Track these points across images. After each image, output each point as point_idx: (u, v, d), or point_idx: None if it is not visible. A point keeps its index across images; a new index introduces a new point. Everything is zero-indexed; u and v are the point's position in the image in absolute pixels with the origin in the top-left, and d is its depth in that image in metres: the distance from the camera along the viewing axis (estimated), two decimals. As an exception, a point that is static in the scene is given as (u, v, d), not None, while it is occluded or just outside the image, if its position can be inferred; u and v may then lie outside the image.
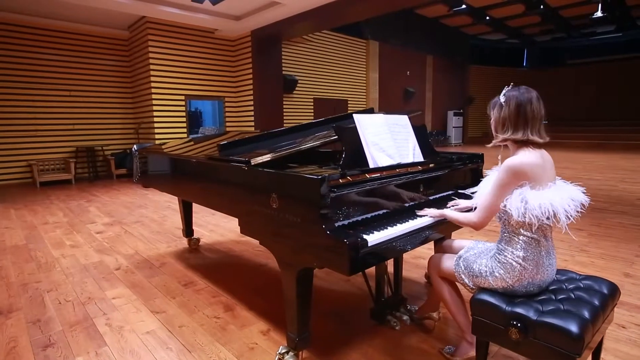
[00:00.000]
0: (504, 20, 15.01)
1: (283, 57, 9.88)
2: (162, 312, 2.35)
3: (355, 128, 1.89)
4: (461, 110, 17.88)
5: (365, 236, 1.49)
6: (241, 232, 1.95)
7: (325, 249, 1.44)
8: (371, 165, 1.86)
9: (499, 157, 1.66)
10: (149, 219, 4.85)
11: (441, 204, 2.10)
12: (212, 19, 8.07)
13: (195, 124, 10.37)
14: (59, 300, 2.53)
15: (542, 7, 13.13)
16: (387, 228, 1.61)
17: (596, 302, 1.43)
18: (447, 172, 2.18)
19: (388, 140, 1.99)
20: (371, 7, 7.45)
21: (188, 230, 3.62)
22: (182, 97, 8.76)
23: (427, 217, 1.78)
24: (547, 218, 1.40)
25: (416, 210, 1.85)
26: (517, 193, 1.43)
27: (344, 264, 1.37)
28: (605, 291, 1.52)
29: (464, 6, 12.83)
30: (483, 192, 1.58)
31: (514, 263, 1.47)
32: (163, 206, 5.62)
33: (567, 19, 14.82)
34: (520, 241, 1.47)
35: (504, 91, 1.56)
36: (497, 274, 1.50)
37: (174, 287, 2.74)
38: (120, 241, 3.87)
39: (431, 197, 2.08)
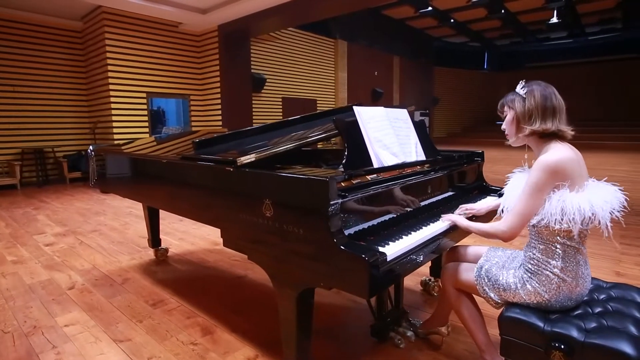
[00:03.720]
0: (467, 24, 15.42)
1: (252, 55, 9.51)
2: (127, 341, 2.00)
3: (356, 122, 1.66)
4: (427, 111, 18.21)
5: (381, 248, 1.26)
6: (225, 245, 1.66)
7: (337, 266, 1.19)
8: (375, 165, 1.63)
9: (525, 157, 1.49)
10: (108, 227, 4.37)
11: (446, 205, 1.91)
12: (175, 11, 7.57)
13: (158, 123, 9.76)
14: (-3, 330, 2.11)
15: (502, 11, 13.59)
16: (401, 237, 1.39)
17: (637, 314, 1.29)
18: (453, 171, 2.00)
19: (391, 136, 1.78)
20: (338, 5, 7.35)
21: (155, 240, 3.23)
22: (144, 95, 8.17)
23: (443, 222, 1.58)
24: (588, 223, 1.24)
25: (442, 216, 1.67)
26: (555, 197, 1.25)
27: (362, 284, 1.12)
28: (639, 300, 1.39)
29: (429, 8, 13.05)
30: (511, 196, 1.39)
31: (551, 275, 1.29)
32: (124, 212, 5.13)
33: (524, 24, 15.46)
34: (558, 250, 1.30)
35: (520, 85, 1.43)
36: (529, 287, 1.32)
37: (141, 307, 2.38)
38: (75, 254, 3.41)
39: (436, 199, 1.89)
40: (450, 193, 2.03)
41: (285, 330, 1.48)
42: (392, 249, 1.27)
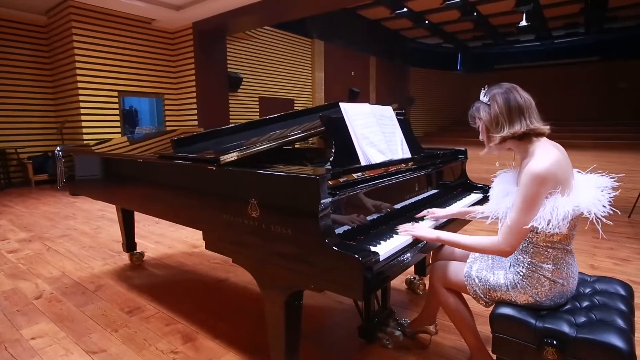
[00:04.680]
0: (441, 25, 15.74)
1: (228, 54, 9.33)
2: (102, 352, 1.88)
3: (342, 119, 1.62)
4: (403, 111, 18.42)
5: (372, 248, 1.22)
6: (207, 247, 1.58)
7: (329, 268, 1.14)
8: (363, 162, 1.60)
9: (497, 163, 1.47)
10: (78, 231, 4.16)
11: (432, 203, 1.90)
12: (148, 7, 7.32)
13: (131, 123, 9.42)
14: (-44, 346, 1.94)
15: (475, 14, 13.94)
16: (392, 236, 1.36)
17: (622, 307, 1.31)
18: (439, 168, 1.99)
19: (377, 133, 1.75)
20: (314, 4, 7.37)
21: (129, 244, 3.09)
22: (115, 94, 7.86)
23: (429, 221, 1.56)
24: (576, 224, 1.25)
25: (399, 230, 1.46)
26: (549, 204, 1.21)
27: (355, 286, 1.08)
28: (623, 292, 1.41)
29: (404, 9, 13.22)
30: (501, 203, 1.36)
31: (543, 278, 1.29)
32: (96, 215, 4.90)
33: (495, 26, 15.93)
34: (549, 253, 1.29)
35: (482, 93, 1.40)
36: (521, 289, 1.31)
37: (116, 316, 2.25)
38: (42, 261, 3.21)
39: (422, 196, 1.87)
40: (435, 191, 2.02)
41: (273, 335, 1.43)
42: (384, 249, 1.24)
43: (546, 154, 1.25)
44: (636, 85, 15.77)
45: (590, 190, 1.27)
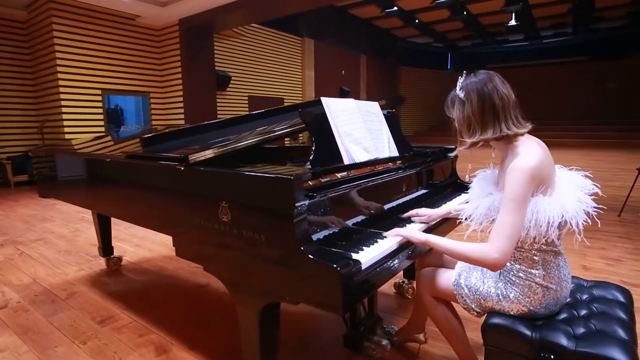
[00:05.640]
0: (431, 25, 15.73)
1: (216, 52, 9.16)
2: (67, 366, 1.74)
3: (325, 115, 1.50)
4: (394, 110, 18.39)
5: (354, 255, 1.11)
6: (177, 254, 1.46)
7: (305, 278, 1.03)
8: (346, 161, 1.49)
9: (493, 156, 1.35)
10: (55, 235, 3.98)
11: (420, 203, 1.80)
12: (132, 3, 7.13)
13: (116, 122, 9.19)
14: None
15: (464, 13, 13.96)
16: (376, 242, 1.25)
17: (623, 315, 1.22)
18: (428, 167, 1.89)
19: (362, 130, 1.64)
20: (302, 1, 7.22)
21: (106, 248, 2.94)
22: (99, 92, 7.64)
23: (417, 224, 1.46)
24: (563, 226, 1.16)
25: (385, 234, 1.33)
26: (530, 205, 1.13)
27: (334, 299, 0.97)
28: (622, 299, 1.33)
29: (395, 8, 13.17)
30: (479, 206, 1.25)
31: (534, 284, 1.19)
32: (75, 218, 4.72)
33: (485, 26, 15.98)
34: (536, 258, 1.20)
35: (459, 81, 1.26)
36: (513, 299, 1.21)
37: (86, 326, 2.11)
38: (12, 267, 3.04)
39: (410, 197, 1.77)
40: (423, 191, 1.92)
41: (247, 349, 1.31)
42: (367, 256, 1.12)
43: (530, 151, 1.16)
44: (624, 85, 15.96)
45: (572, 190, 1.18)
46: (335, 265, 0.96)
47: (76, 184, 2.22)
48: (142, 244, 3.62)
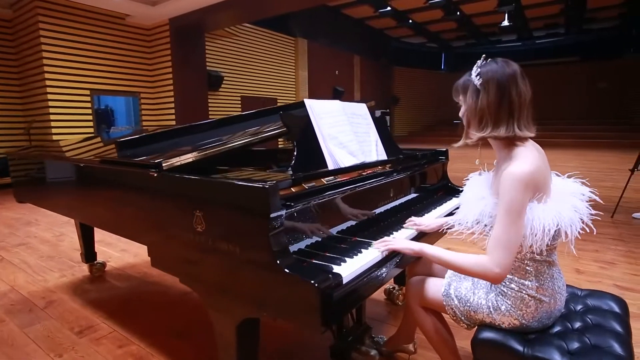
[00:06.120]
0: (425, 25, 15.73)
1: (208, 52, 9.07)
2: (39, 382, 1.66)
3: (307, 117, 1.43)
4: (388, 110, 18.42)
5: (336, 268, 1.04)
6: (153, 265, 1.39)
7: (281, 294, 0.96)
8: (331, 166, 1.42)
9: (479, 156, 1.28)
10: (38, 239, 3.87)
11: (409, 208, 1.74)
12: (121, 2, 7.01)
13: (107, 123, 9.05)
14: None
15: (458, 13, 13.97)
16: (361, 252, 1.18)
17: (618, 328, 1.16)
18: (417, 171, 1.83)
19: (348, 133, 1.57)
20: (294, 0, 7.16)
21: (88, 254, 2.84)
22: (87, 93, 7.51)
23: (408, 230, 1.39)
24: (557, 236, 1.10)
25: (374, 244, 1.26)
26: (526, 212, 1.07)
27: (312, 316, 0.90)
28: (617, 309, 1.27)
29: (388, 8, 13.15)
30: (472, 209, 1.19)
31: (527, 297, 1.13)
32: (61, 221, 4.59)
33: (478, 26, 16.02)
34: (529, 268, 1.14)
35: (477, 67, 1.14)
36: (504, 311, 1.15)
37: (63, 337, 2.02)
38: (-9, 274, 2.94)
39: (399, 202, 1.71)
40: (413, 195, 1.86)
41: (225, 366, 1.23)
42: (350, 268, 1.06)
43: (527, 156, 1.09)
44: (615, 85, 16.07)
45: (568, 198, 1.12)
46: (312, 281, 0.89)
47: (50, 188, 2.13)
48: (128, 248, 3.52)
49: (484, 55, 1.18)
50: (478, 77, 1.12)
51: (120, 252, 3.43)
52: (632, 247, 3.23)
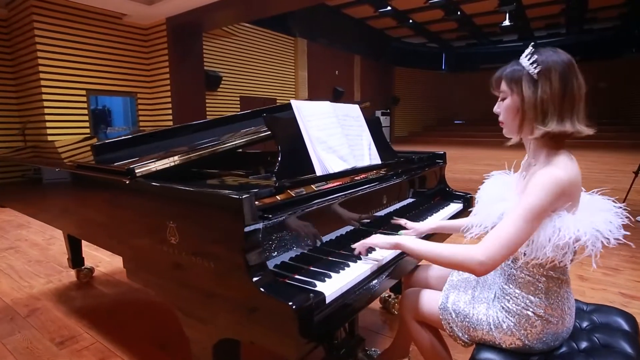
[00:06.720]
0: (425, 25, 15.66)
1: (206, 51, 8.98)
2: (13, 399, 1.57)
3: (294, 119, 1.35)
4: (388, 110, 18.32)
5: (319, 285, 0.95)
6: (129, 277, 1.30)
7: (255, 315, 0.87)
8: (319, 172, 1.33)
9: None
10: (28, 243, 3.79)
11: (404, 215, 1.65)
12: (117, 2, 6.92)
13: (102, 123, 8.98)
14: None
15: (459, 13, 13.88)
16: (348, 265, 1.09)
17: (629, 349, 1.07)
18: (413, 176, 1.74)
19: (338, 136, 1.48)
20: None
21: (75, 259, 2.76)
22: (83, 92, 7.42)
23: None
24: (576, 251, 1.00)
25: (353, 247, 1.22)
26: (551, 224, 0.95)
27: (288, 340, 0.81)
28: (626, 327, 1.18)
29: (388, 8, 13.07)
30: (491, 211, 1.08)
31: (534, 316, 1.04)
32: (52, 224, 4.51)
33: (479, 26, 15.93)
34: (540, 285, 1.04)
35: (529, 54, 1.00)
36: (506, 329, 1.06)
37: (43, 348, 1.93)
38: (-25, 280, 2.85)
39: (393, 208, 1.62)
40: (409, 200, 1.77)
41: (203, 388, 1.14)
42: (335, 285, 0.97)
43: (567, 164, 0.98)
44: (616, 85, 15.97)
45: (598, 212, 1.01)
46: (290, 302, 0.80)
47: (27, 193, 2.04)
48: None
49: (532, 43, 1.06)
50: (535, 65, 0.98)
51: (110, 256, 3.34)
52: (636, 253, 3.13)
